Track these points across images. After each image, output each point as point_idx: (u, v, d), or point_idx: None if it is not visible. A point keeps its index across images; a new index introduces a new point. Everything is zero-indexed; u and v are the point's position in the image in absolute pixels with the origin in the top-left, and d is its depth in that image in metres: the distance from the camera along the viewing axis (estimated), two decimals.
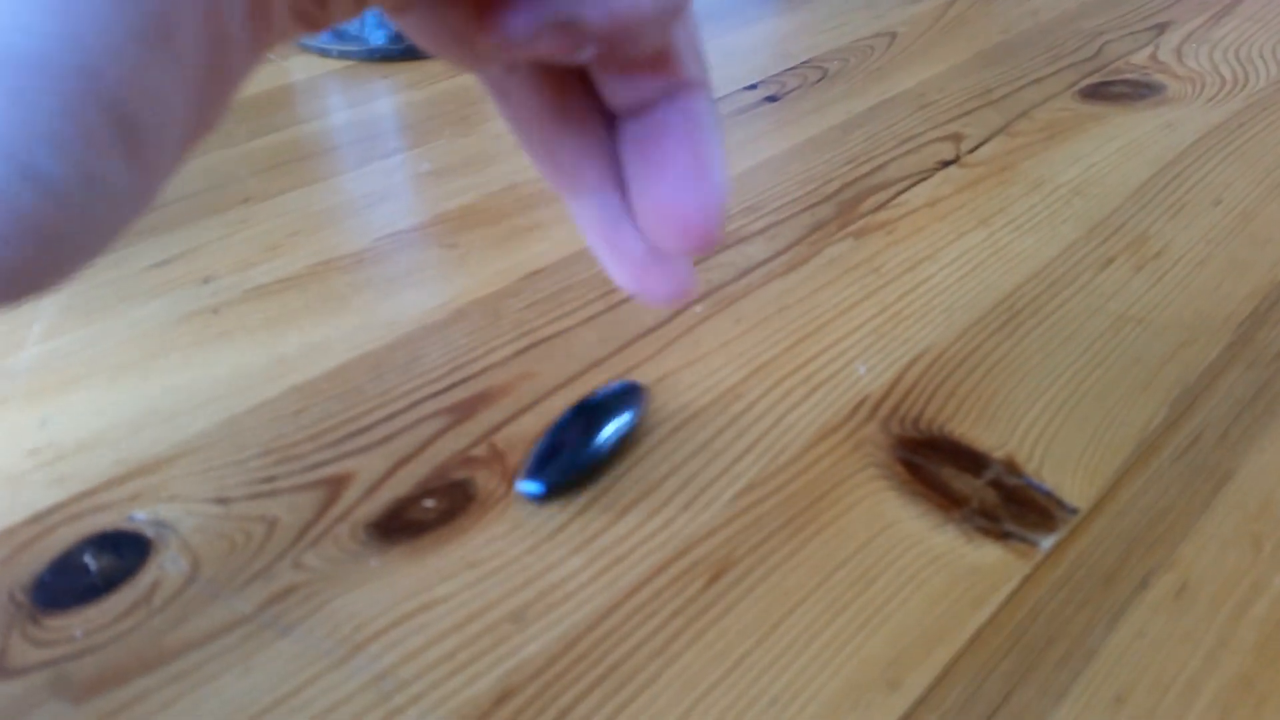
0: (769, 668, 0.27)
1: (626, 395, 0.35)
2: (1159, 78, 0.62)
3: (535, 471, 0.33)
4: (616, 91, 0.19)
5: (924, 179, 0.52)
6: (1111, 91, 0.60)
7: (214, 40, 0.12)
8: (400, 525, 0.32)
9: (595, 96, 0.20)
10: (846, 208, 0.49)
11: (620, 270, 0.22)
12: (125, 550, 0.32)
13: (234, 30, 0.13)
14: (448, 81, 0.68)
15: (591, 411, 0.35)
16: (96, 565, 0.31)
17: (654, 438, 0.35)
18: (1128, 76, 0.62)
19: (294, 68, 0.72)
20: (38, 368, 0.40)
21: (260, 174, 0.56)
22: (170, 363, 0.40)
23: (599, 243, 0.22)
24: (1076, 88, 0.61)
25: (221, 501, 0.33)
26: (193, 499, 0.33)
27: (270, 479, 0.34)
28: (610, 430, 0.34)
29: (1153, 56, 0.65)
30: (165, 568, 0.31)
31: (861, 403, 0.36)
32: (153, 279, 0.46)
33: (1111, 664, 0.27)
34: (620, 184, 0.21)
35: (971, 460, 0.33)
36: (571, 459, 0.33)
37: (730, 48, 0.72)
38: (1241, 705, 0.26)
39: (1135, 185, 0.50)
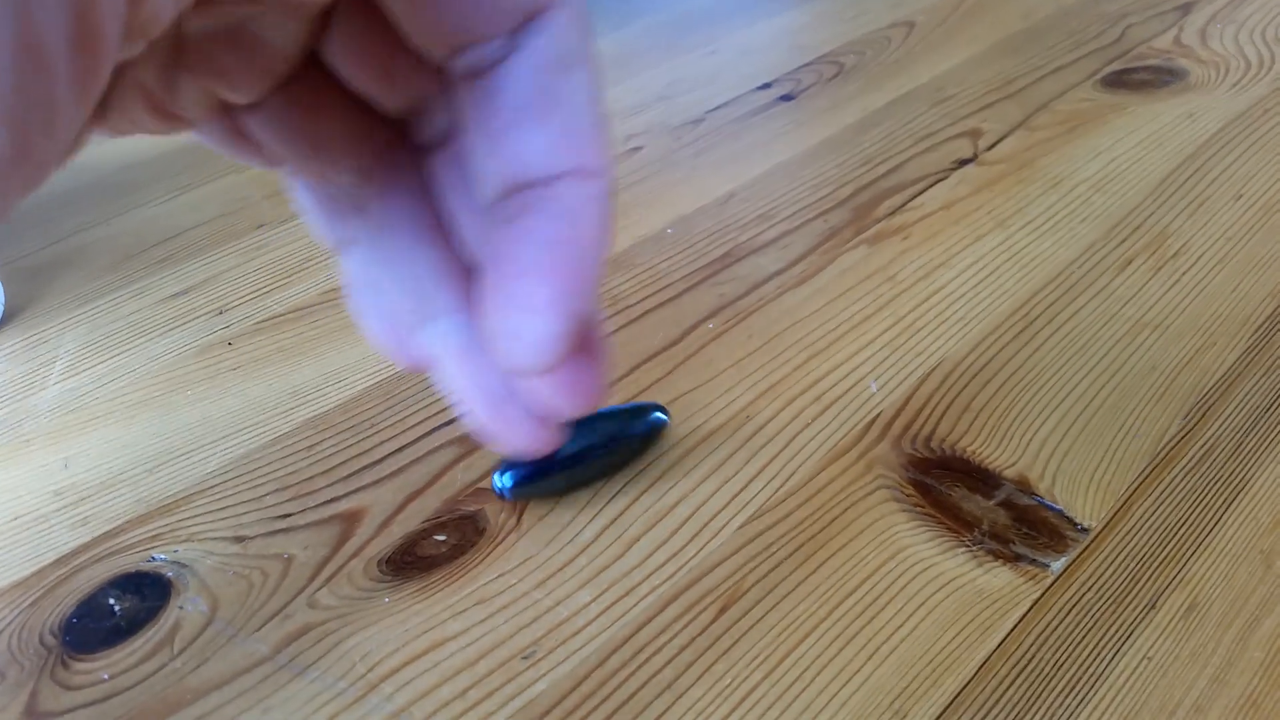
0: (776, 701, 0.27)
1: None
2: (1182, 62, 0.61)
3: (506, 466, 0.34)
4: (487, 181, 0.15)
5: (941, 179, 0.51)
6: (1134, 79, 0.59)
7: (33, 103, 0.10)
8: (412, 560, 0.32)
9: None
10: (861, 212, 0.49)
11: (480, 398, 0.17)
12: (147, 591, 0.32)
13: (59, 90, 0.11)
14: None
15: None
16: (120, 607, 0.32)
17: (664, 463, 0.35)
18: (1150, 62, 0.61)
19: None
20: (59, 406, 0.41)
21: (273, 197, 0.57)
22: (187, 398, 0.41)
23: (459, 364, 0.17)
24: (1098, 76, 0.60)
25: (238, 540, 0.34)
26: (211, 538, 0.34)
27: (285, 515, 0.34)
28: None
29: (1176, 40, 0.64)
30: (185, 608, 0.32)
31: (873, 421, 0.36)
32: (169, 310, 0.47)
33: (1118, 689, 0.27)
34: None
35: (983, 480, 0.33)
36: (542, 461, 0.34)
37: (744, 45, 0.72)
38: None
39: (1156, 180, 0.49)
